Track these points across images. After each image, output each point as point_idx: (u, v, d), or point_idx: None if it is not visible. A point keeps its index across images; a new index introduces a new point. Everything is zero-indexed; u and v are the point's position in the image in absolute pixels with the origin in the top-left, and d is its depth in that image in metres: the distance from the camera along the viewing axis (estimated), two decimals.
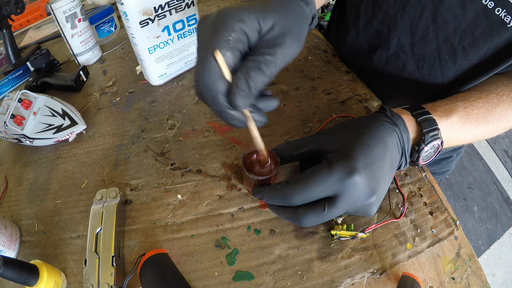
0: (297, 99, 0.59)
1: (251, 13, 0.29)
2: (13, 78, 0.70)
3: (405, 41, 0.50)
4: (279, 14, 0.31)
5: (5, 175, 0.53)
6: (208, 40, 0.29)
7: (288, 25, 0.31)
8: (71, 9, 0.63)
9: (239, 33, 0.29)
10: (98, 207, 0.43)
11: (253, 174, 0.40)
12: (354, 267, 0.40)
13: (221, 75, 0.29)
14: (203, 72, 0.29)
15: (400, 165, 0.39)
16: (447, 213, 0.44)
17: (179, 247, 0.42)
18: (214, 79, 0.29)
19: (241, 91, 0.29)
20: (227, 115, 0.31)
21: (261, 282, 0.39)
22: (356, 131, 0.37)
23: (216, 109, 0.31)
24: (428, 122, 0.39)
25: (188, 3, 0.57)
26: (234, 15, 0.28)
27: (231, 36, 0.28)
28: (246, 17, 0.29)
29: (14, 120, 0.51)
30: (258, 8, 0.30)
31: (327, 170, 0.33)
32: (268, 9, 0.30)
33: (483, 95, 0.43)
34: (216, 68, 0.29)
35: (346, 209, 0.34)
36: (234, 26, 0.28)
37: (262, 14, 0.29)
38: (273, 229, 0.43)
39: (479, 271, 0.40)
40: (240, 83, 0.29)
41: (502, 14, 0.37)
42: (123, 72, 0.69)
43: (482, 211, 1.59)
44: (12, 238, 0.43)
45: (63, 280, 0.39)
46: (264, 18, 0.29)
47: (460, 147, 0.71)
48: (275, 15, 0.30)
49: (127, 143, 0.54)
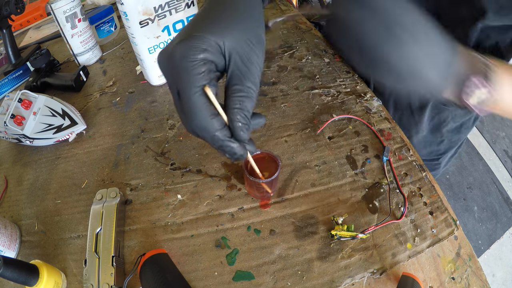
0: (297, 99, 0.59)
1: (209, 38, 0.28)
2: (13, 78, 0.70)
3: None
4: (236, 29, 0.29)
5: (5, 175, 0.53)
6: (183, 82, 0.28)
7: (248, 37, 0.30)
8: (71, 9, 0.63)
9: (208, 64, 0.28)
10: (98, 207, 0.43)
11: (254, 177, 0.40)
12: (354, 267, 0.40)
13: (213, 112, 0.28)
14: (195, 115, 0.28)
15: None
16: (447, 213, 0.44)
17: (179, 247, 0.42)
18: (208, 120, 0.28)
19: (242, 126, 0.29)
20: (229, 149, 0.30)
21: (261, 282, 0.39)
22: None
23: (217, 146, 0.30)
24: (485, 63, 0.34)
25: (188, 3, 0.57)
26: (195, 47, 0.27)
27: (202, 72, 0.27)
28: (207, 45, 0.28)
29: (14, 120, 0.51)
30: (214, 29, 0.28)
31: None
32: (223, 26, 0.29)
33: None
34: (206, 109, 0.28)
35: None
36: (199, 59, 0.27)
37: (220, 35, 0.28)
38: (273, 229, 0.43)
39: (479, 271, 0.40)
40: (239, 118, 0.29)
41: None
42: (123, 72, 0.69)
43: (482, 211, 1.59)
44: (12, 238, 0.43)
45: (63, 280, 0.39)
46: (224, 39, 0.28)
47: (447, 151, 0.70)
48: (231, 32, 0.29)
49: (127, 143, 0.54)
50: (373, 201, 0.45)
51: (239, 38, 0.29)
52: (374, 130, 0.53)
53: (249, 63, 0.29)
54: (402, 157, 0.50)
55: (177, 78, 0.28)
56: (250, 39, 0.30)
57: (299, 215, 0.44)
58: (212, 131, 0.29)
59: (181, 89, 0.28)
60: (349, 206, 0.45)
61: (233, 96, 0.29)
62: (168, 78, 0.30)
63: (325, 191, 0.46)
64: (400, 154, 0.50)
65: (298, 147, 0.51)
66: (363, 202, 0.45)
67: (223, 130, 0.29)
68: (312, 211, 0.44)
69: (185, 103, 0.28)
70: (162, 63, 0.30)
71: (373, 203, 0.45)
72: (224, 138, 0.29)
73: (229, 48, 0.29)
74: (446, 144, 0.68)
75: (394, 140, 0.52)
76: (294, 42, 0.72)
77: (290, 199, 0.46)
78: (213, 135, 0.29)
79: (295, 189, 0.47)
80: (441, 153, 0.70)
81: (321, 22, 1.66)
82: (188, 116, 0.29)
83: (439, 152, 0.70)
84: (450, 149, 0.70)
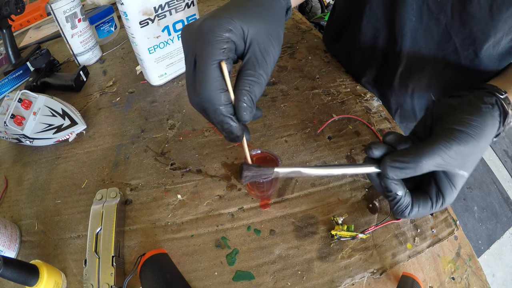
0: (297, 99, 0.59)
1: (235, 22, 0.30)
2: (13, 78, 0.70)
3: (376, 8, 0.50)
4: (259, 19, 0.32)
5: (5, 175, 0.53)
6: (203, 52, 0.30)
7: (269, 30, 0.32)
8: (71, 9, 0.63)
9: (230, 44, 0.30)
10: (98, 207, 0.43)
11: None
12: (354, 267, 0.40)
13: (223, 87, 0.30)
14: (205, 84, 0.30)
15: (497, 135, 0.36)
16: (447, 213, 0.44)
17: (179, 247, 0.42)
18: (216, 92, 0.30)
19: (248, 107, 0.31)
20: (228, 126, 0.32)
21: (261, 282, 0.39)
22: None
23: (218, 121, 0.31)
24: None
25: (188, 3, 0.57)
26: (222, 25, 0.29)
27: (224, 48, 0.29)
28: (232, 27, 0.30)
29: (14, 120, 0.51)
30: (241, 15, 0.31)
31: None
32: (250, 16, 0.31)
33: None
34: (218, 81, 0.30)
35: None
36: (224, 36, 0.29)
37: (245, 22, 0.30)
38: (273, 229, 0.43)
39: (479, 271, 0.40)
40: (246, 100, 0.31)
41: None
42: (123, 72, 0.69)
43: (482, 211, 1.59)
44: (12, 238, 0.43)
45: (63, 280, 0.39)
46: (249, 26, 0.31)
47: None
48: (256, 21, 0.31)
49: (127, 143, 0.54)
50: (373, 201, 0.45)
51: (261, 29, 0.31)
52: (374, 130, 0.53)
53: (266, 53, 0.32)
54: None
55: (198, 48, 0.30)
56: (270, 32, 0.32)
57: (299, 215, 0.44)
58: (217, 103, 0.30)
59: (200, 58, 0.30)
60: (349, 206, 0.45)
61: (244, 79, 0.31)
62: (189, 48, 0.31)
63: (325, 191, 0.46)
64: None
65: (298, 147, 0.51)
66: (363, 202, 0.45)
67: (227, 107, 0.31)
68: (312, 211, 0.44)
69: (200, 71, 0.30)
70: (187, 33, 0.32)
71: (373, 203, 0.45)
72: (226, 113, 0.31)
73: (251, 36, 0.31)
74: None
75: None
76: (294, 42, 0.72)
77: (290, 199, 0.46)
78: (216, 107, 0.30)
79: (295, 189, 0.47)
80: None
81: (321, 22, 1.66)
82: (198, 84, 0.30)
83: None
84: None
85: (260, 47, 0.31)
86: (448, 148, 0.30)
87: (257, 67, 0.31)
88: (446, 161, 0.30)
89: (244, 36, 0.31)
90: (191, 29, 0.32)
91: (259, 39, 0.31)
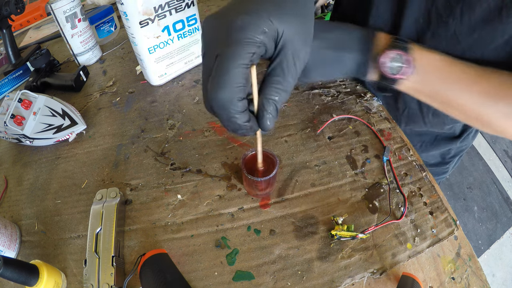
0: (297, 99, 0.59)
1: (273, 23, 0.27)
2: (13, 78, 0.70)
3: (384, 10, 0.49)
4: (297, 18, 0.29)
5: (5, 175, 0.53)
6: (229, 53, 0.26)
7: (303, 32, 0.29)
8: (71, 9, 0.63)
9: (261, 48, 0.27)
10: (98, 207, 0.43)
11: (252, 175, 0.40)
12: (354, 267, 0.40)
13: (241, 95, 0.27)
14: (223, 89, 0.27)
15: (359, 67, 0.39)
16: (447, 213, 0.44)
17: (179, 247, 0.42)
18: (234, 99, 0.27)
19: (273, 118, 0.29)
20: (242, 132, 0.30)
21: (261, 282, 0.39)
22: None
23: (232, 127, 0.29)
24: (403, 41, 0.38)
25: (188, 3, 0.57)
26: (257, 25, 0.26)
27: (253, 52, 0.26)
28: (268, 28, 0.26)
29: (14, 120, 0.51)
30: (279, 14, 0.27)
31: None
32: (287, 14, 0.28)
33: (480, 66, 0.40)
34: (238, 88, 0.27)
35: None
36: (257, 39, 0.26)
37: (283, 22, 0.27)
38: (273, 229, 0.43)
39: (479, 271, 0.40)
40: (271, 110, 0.29)
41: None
42: (123, 72, 0.69)
43: (482, 211, 1.59)
44: (12, 238, 0.43)
45: (63, 280, 0.39)
46: (285, 28, 0.27)
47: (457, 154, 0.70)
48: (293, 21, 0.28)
49: (127, 143, 0.54)
50: (373, 201, 0.45)
51: (296, 31, 0.28)
52: (374, 130, 0.53)
53: (297, 58, 0.29)
54: (402, 157, 0.50)
55: (224, 45, 0.27)
56: (305, 34, 0.30)
57: (299, 215, 0.44)
58: (233, 112, 0.27)
59: (223, 58, 0.27)
60: (349, 206, 0.45)
61: (272, 86, 0.29)
62: (213, 42, 0.28)
63: (325, 191, 0.46)
64: (400, 154, 0.50)
65: (298, 147, 0.51)
66: (363, 202, 0.45)
67: (243, 115, 0.28)
68: (312, 211, 0.44)
69: (220, 73, 0.27)
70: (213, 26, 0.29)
71: (373, 203, 0.45)
72: (241, 122, 0.28)
73: (284, 38, 0.28)
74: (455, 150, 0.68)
75: (394, 140, 0.52)
76: None
77: (290, 199, 0.46)
78: (232, 116, 0.28)
79: (295, 189, 0.47)
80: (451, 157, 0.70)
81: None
82: (215, 87, 0.27)
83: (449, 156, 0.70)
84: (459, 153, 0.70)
85: (292, 52, 0.28)
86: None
87: (286, 74, 0.28)
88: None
89: (278, 38, 0.28)
90: (220, 22, 0.28)
91: (293, 42, 0.28)
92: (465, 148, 0.70)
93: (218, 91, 0.27)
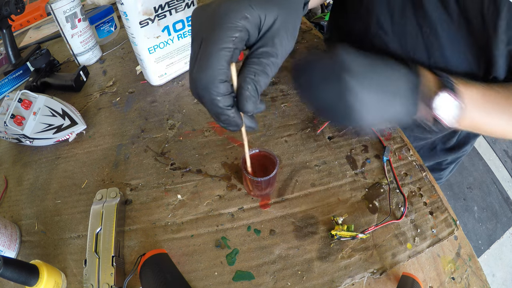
0: (297, 99, 0.59)
1: (254, 9, 0.28)
2: (13, 78, 0.70)
3: (384, 20, 0.49)
4: (279, 8, 0.29)
5: (5, 175, 0.53)
6: (211, 37, 0.27)
7: (287, 20, 0.30)
8: (71, 9, 0.63)
9: (243, 32, 0.28)
10: (98, 207, 0.43)
11: (252, 175, 0.40)
12: (354, 267, 0.40)
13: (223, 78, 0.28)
14: (205, 71, 0.28)
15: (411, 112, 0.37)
16: (447, 213, 0.44)
17: (179, 247, 0.42)
18: (215, 81, 0.28)
19: (251, 97, 0.29)
20: (225, 118, 0.30)
21: (261, 282, 0.39)
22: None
23: (214, 112, 0.30)
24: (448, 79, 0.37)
25: (188, 3, 0.57)
26: (238, 11, 0.27)
27: (235, 36, 0.27)
28: (249, 14, 0.27)
29: (14, 120, 0.51)
30: (261, 2, 0.28)
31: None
32: (270, 2, 0.29)
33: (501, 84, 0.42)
34: (220, 70, 0.28)
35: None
36: (238, 24, 0.27)
37: (264, 9, 0.28)
38: (273, 229, 0.43)
39: (479, 271, 0.40)
40: (249, 89, 0.29)
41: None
42: (123, 72, 0.69)
43: (482, 211, 1.59)
44: (12, 238, 0.43)
45: (63, 280, 0.39)
46: (266, 14, 0.28)
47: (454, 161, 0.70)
48: (275, 9, 0.29)
49: (127, 143, 0.54)
50: (373, 201, 0.45)
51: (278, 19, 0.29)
52: (374, 130, 0.53)
53: (279, 44, 0.29)
54: (402, 157, 0.50)
55: (208, 30, 0.28)
56: (287, 23, 0.30)
57: (299, 215, 0.44)
58: (214, 93, 0.28)
59: (206, 42, 0.28)
60: (349, 206, 0.45)
61: (250, 66, 0.29)
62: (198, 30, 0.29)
63: (325, 191, 0.46)
64: (400, 154, 0.50)
65: (298, 147, 0.51)
66: (363, 202, 0.45)
67: (226, 97, 0.28)
68: (312, 211, 0.44)
69: (203, 56, 0.28)
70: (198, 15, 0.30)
71: (373, 203, 0.45)
72: (223, 105, 0.29)
73: (267, 25, 0.29)
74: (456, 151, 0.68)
75: (394, 140, 0.52)
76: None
77: (290, 199, 0.46)
78: (214, 98, 0.28)
79: (295, 189, 0.47)
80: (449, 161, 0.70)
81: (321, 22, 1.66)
82: (198, 70, 0.28)
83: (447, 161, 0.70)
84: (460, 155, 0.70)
85: (273, 37, 0.29)
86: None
87: (266, 56, 0.29)
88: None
89: (260, 25, 0.28)
90: (204, 11, 0.29)
91: (274, 28, 0.29)
92: (462, 156, 0.70)
93: (200, 73, 0.28)
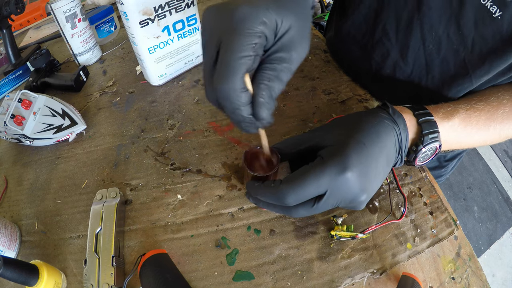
0: (297, 99, 0.59)
1: (271, 14, 0.27)
2: (13, 78, 0.70)
3: (390, 28, 0.49)
4: (294, 14, 0.29)
5: (5, 175, 0.53)
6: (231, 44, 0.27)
7: (301, 25, 0.30)
8: (71, 9, 0.63)
9: (262, 39, 0.27)
10: (98, 207, 0.43)
11: (254, 171, 0.40)
12: (354, 267, 0.40)
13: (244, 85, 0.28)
14: (226, 80, 0.27)
15: (395, 163, 0.40)
16: (447, 213, 0.44)
17: (179, 247, 0.42)
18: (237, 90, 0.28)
19: (266, 104, 0.29)
20: (246, 124, 0.30)
21: (261, 282, 0.39)
22: (352, 127, 0.37)
23: (236, 120, 0.30)
24: (429, 123, 0.39)
25: (188, 3, 0.57)
26: (257, 15, 0.27)
27: (255, 43, 0.27)
28: (267, 19, 0.27)
29: (14, 120, 0.51)
30: (277, 7, 0.28)
31: (320, 168, 0.33)
32: (285, 9, 0.29)
33: (484, 98, 0.43)
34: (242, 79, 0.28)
35: (334, 205, 0.35)
36: (257, 30, 0.27)
37: (280, 15, 0.28)
38: (273, 229, 0.43)
39: (479, 271, 0.40)
40: (264, 96, 0.29)
41: (488, 4, 0.37)
42: (123, 72, 0.69)
43: (482, 211, 1.59)
44: (12, 238, 0.43)
45: (63, 280, 0.39)
46: (283, 19, 0.28)
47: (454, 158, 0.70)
48: (291, 15, 0.29)
49: (127, 143, 0.54)
50: (373, 201, 0.45)
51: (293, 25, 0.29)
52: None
53: (294, 49, 0.30)
54: None
55: (226, 38, 0.27)
56: (302, 29, 0.30)
57: None
58: (237, 104, 0.28)
59: (226, 49, 0.27)
60: None
61: (263, 72, 0.29)
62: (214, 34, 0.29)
63: None
64: None
65: None
66: None
67: (247, 107, 0.29)
68: None
69: (224, 65, 0.27)
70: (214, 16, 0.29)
71: (373, 203, 0.45)
72: (246, 114, 0.29)
73: (283, 30, 0.29)
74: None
75: None
76: None
77: None
78: (236, 108, 0.28)
79: None
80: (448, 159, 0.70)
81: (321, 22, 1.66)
82: (219, 79, 0.28)
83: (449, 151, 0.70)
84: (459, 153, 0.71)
85: (289, 43, 0.29)
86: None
87: (280, 62, 0.29)
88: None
89: (276, 30, 0.28)
90: (219, 13, 0.29)
91: (290, 34, 0.29)
92: (462, 152, 0.70)
93: (223, 82, 0.27)
